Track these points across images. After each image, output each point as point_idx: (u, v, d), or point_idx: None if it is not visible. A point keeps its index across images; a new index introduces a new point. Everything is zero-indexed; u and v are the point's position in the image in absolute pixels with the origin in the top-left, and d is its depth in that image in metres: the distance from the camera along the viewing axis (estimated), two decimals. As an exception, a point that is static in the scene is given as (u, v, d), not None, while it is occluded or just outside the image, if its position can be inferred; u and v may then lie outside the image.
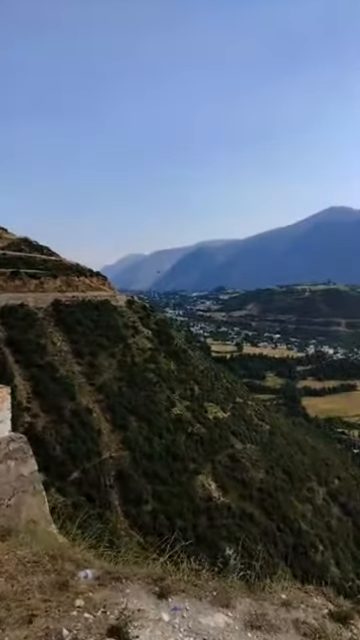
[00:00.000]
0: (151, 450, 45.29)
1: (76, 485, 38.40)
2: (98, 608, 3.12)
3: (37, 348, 49.09)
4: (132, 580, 3.55)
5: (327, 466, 64.61)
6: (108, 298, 66.17)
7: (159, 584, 3.52)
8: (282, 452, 59.07)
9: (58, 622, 2.92)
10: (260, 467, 52.69)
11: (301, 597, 3.96)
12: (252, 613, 3.43)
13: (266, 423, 64.51)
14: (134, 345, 58.89)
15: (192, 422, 52.47)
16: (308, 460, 62.18)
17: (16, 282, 58.05)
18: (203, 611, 3.36)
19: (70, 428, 42.80)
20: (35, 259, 66.73)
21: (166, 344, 63.81)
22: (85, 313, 58.88)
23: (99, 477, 40.33)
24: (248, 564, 4.14)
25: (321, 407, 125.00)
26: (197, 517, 41.10)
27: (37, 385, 45.09)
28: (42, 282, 61.06)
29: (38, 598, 3.10)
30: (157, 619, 3.15)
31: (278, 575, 4.54)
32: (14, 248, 68.30)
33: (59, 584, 3.31)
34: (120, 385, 51.30)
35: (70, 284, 64.89)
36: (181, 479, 44.18)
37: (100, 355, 53.76)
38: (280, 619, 3.43)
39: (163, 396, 53.39)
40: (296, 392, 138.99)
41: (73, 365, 51.09)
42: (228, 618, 3.32)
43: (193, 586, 3.65)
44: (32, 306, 55.04)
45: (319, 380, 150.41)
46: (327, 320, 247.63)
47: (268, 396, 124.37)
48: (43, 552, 3.84)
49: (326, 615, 3.74)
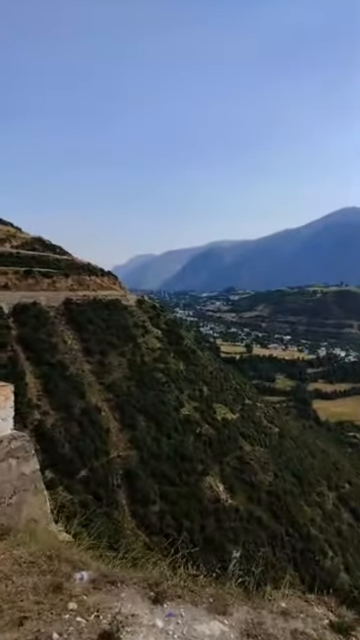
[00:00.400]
0: (159, 450, 45.26)
1: (84, 483, 38.52)
2: (91, 612, 3.07)
3: (48, 346, 49.39)
4: (128, 584, 3.49)
5: (337, 470, 63.95)
6: (118, 297, 66.39)
7: (155, 589, 3.46)
8: (292, 455, 58.62)
9: (49, 625, 2.88)
10: (269, 470, 52.35)
11: (301, 606, 3.86)
12: (249, 622, 3.35)
13: (275, 426, 64.09)
14: (144, 345, 58.97)
15: (200, 423, 52.33)
16: (318, 464, 61.63)
17: (29, 281, 58.52)
18: (199, 618, 3.29)
19: (79, 426, 42.96)
20: (48, 258, 67.24)
21: (175, 344, 63.79)
22: (96, 312, 59.14)
23: (107, 476, 40.40)
24: (247, 570, 4.05)
25: (332, 410, 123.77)
26: (204, 519, 40.96)
27: (47, 383, 45.34)
28: (54, 281, 61.47)
29: (31, 600, 3.06)
30: (151, 625, 3.08)
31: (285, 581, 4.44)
32: (28, 247, 68.87)
33: (53, 586, 3.27)
34: (129, 384, 51.38)
35: (81, 283, 65.25)
36: (189, 480, 44.06)
37: (110, 354, 53.94)
38: (278, 629, 3.34)
39: (172, 396, 53.36)
40: (306, 395, 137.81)
41: (83, 364, 51.32)
42: (224, 626, 3.25)
43: (190, 592, 3.58)
44: (44, 304, 55.44)
45: (330, 383, 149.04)
46: (339, 322, 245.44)
47: (278, 398, 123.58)
48: (40, 552, 3.80)
49: (326, 626, 3.64)
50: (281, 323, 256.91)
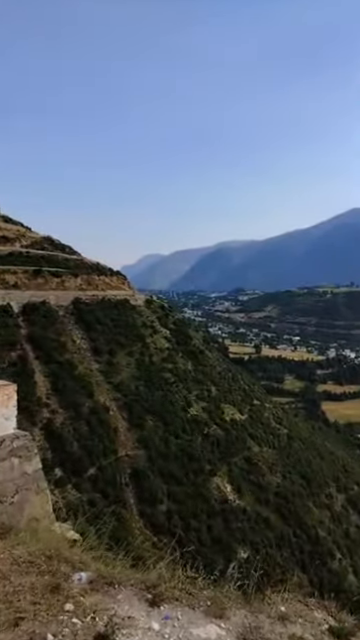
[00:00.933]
0: (167, 450, 45.26)
1: (92, 482, 38.66)
2: (87, 613, 3.06)
3: (57, 345, 49.65)
4: (125, 585, 3.48)
5: (346, 472, 63.44)
6: (127, 297, 66.54)
7: (152, 591, 3.44)
8: (300, 457, 58.26)
9: (45, 626, 2.88)
10: (277, 471, 52.12)
11: (301, 610, 3.82)
12: (246, 626, 3.31)
13: (284, 427, 63.76)
14: (152, 344, 59.04)
15: (208, 423, 52.25)
16: (327, 466, 61.18)
17: (38, 280, 58.90)
18: (195, 621, 3.27)
19: (87, 425, 43.13)
20: (57, 258, 67.60)
21: (184, 344, 63.76)
22: (104, 312, 59.35)
23: (115, 475, 40.50)
24: (247, 572, 4.02)
25: (341, 412, 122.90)
26: (212, 519, 40.88)
27: (56, 382, 45.58)
28: (63, 280, 61.80)
29: (28, 600, 3.07)
30: (147, 628, 3.07)
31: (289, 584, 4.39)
32: (37, 247, 69.27)
33: (51, 586, 3.27)
34: (137, 384, 51.47)
35: (90, 283, 65.51)
36: (196, 480, 44.01)
37: (118, 354, 54.09)
38: (275, 634, 3.31)
39: (180, 396, 53.34)
40: (315, 396, 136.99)
41: (92, 363, 51.54)
42: (220, 630, 3.22)
43: (187, 594, 3.56)
44: (53, 304, 55.78)
45: (340, 384, 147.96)
46: (349, 323, 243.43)
47: (286, 399, 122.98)
48: (40, 552, 3.81)
49: (325, 631, 3.59)
50: (290, 324, 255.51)
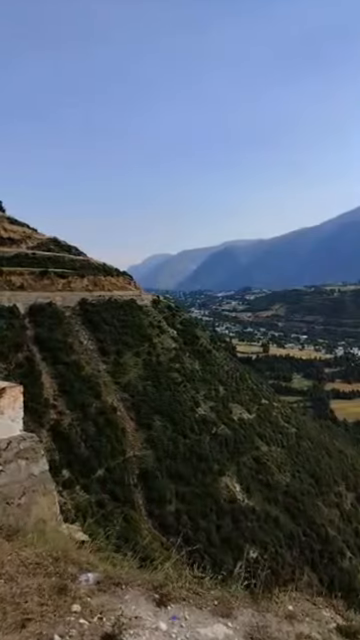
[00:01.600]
0: (175, 450, 45.29)
1: (100, 483, 38.79)
2: (95, 614, 3.08)
3: (64, 346, 49.86)
4: (132, 586, 3.49)
5: (356, 471, 63.06)
6: (134, 297, 66.64)
7: (159, 591, 3.45)
8: (309, 456, 58.03)
9: (52, 627, 2.89)
10: (286, 470, 51.96)
11: (308, 609, 3.80)
12: (253, 625, 3.31)
13: (292, 426, 63.54)
14: (159, 344, 59.07)
15: (217, 423, 52.20)
16: (336, 464, 60.86)
17: (45, 281, 59.19)
18: (203, 621, 3.27)
19: (95, 426, 43.27)
20: (63, 259, 67.87)
21: (191, 344, 63.75)
22: (111, 312, 59.48)
23: (123, 475, 40.61)
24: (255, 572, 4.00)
25: (350, 410, 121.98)
26: (221, 519, 40.85)
27: (64, 383, 45.79)
28: (70, 281, 62.04)
29: (35, 601, 3.08)
30: (154, 628, 3.07)
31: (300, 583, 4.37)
32: (43, 248, 69.59)
33: (58, 587, 3.29)
34: (145, 384, 51.54)
35: (97, 284, 65.69)
36: (205, 480, 44.00)
37: (125, 354, 54.19)
38: (282, 632, 3.30)
39: (188, 396, 53.33)
40: (324, 394, 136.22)
41: (99, 364, 51.69)
42: (228, 629, 3.22)
43: (194, 594, 3.56)
44: (60, 305, 56.02)
45: (348, 382, 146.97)
46: (356, 321, 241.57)
47: (295, 398, 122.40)
48: (47, 553, 3.82)
49: (333, 630, 3.58)
50: (298, 322, 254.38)
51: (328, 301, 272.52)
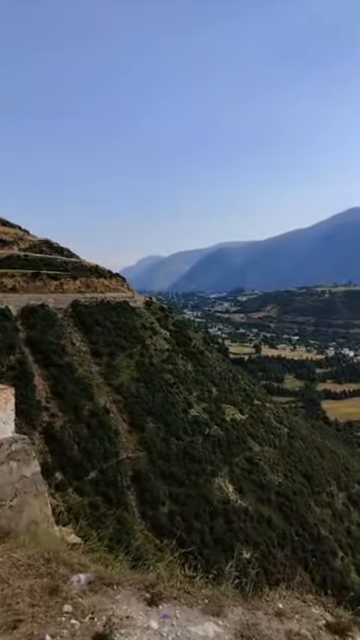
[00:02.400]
0: (168, 451, 45.26)
1: (93, 485, 38.61)
2: (86, 614, 3.10)
3: (56, 348, 49.62)
4: (124, 586, 3.52)
5: (347, 470, 63.46)
6: (126, 299, 66.55)
7: (151, 590, 3.48)
8: (301, 456, 58.29)
9: (43, 628, 2.91)
10: (278, 470, 52.13)
11: (298, 607, 3.85)
12: (243, 623, 3.35)
13: (285, 426, 63.78)
14: (152, 346, 59.03)
15: (209, 424, 52.25)
16: (327, 464, 61.20)
17: (37, 283, 58.92)
18: (193, 619, 3.30)
19: (88, 428, 43.07)
20: (56, 260, 67.66)
21: (184, 345, 63.78)
22: (104, 314, 59.33)
23: (116, 477, 40.48)
24: (245, 571, 4.05)
25: (341, 410, 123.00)
26: (214, 520, 40.87)
27: (56, 385, 45.56)
28: (62, 283, 61.82)
29: (27, 602, 3.10)
30: (145, 627, 3.10)
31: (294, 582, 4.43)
32: (35, 250, 69.34)
33: (50, 588, 3.30)
34: (138, 386, 51.45)
35: (89, 285, 65.54)
36: (198, 481, 44.00)
37: (118, 356, 54.07)
38: (272, 630, 3.35)
39: (180, 397, 53.33)
40: (315, 395, 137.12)
41: (91, 365, 51.50)
42: (218, 627, 3.26)
43: (185, 593, 3.59)
44: (52, 307, 55.75)
45: (339, 383, 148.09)
46: (347, 322, 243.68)
47: (287, 399, 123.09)
48: (38, 555, 3.84)
49: (322, 626, 3.64)
50: (289, 323, 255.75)
51: (319, 302, 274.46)
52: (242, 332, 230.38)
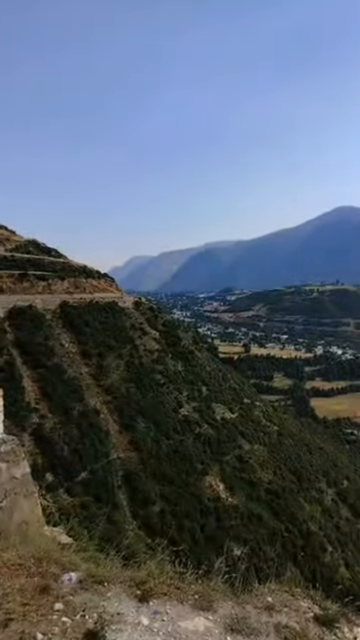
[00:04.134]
0: (159, 451, 45.29)
1: (84, 485, 38.48)
2: (77, 612, 3.13)
3: (45, 349, 49.32)
4: (114, 583, 3.55)
5: (336, 467, 64.11)
6: (115, 299, 66.38)
7: (141, 587, 3.52)
8: (290, 453, 58.72)
9: (35, 626, 2.93)
10: (268, 468, 52.45)
11: (287, 600, 3.92)
12: (233, 617, 3.41)
13: (274, 424, 64.19)
14: (141, 346, 58.98)
15: (200, 423, 52.39)
16: (316, 461, 61.75)
17: (24, 284, 58.45)
18: (184, 615, 3.35)
19: (78, 429, 42.92)
20: (43, 261, 67.15)
21: (173, 345, 63.81)
22: (93, 315, 59.10)
23: (107, 478, 40.39)
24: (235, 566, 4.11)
25: (330, 408, 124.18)
26: (205, 518, 40.99)
27: (45, 386, 45.29)
28: (50, 284, 61.42)
29: (18, 601, 3.12)
30: (136, 623, 3.14)
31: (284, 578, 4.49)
32: (22, 250, 68.70)
33: (41, 587, 3.33)
34: (128, 386, 51.38)
35: (78, 286, 65.23)
36: (189, 480, 44.10)
37: (108, 356, 53.92)
38: (261, 623, 3.41)
39: (171, 397, 53.41)
40: (304, 393, 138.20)
41: (81, 366, 51.28)
42: (208, 622, 3.31)
43: (176, 589, 3.64)
44: (40, 308, 55.37)
45: (328, 381, 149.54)
46: (335, 320, 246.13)
47: (276, 397, 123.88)
48: (29, 555, 3.85)
49: (310, 619, 3.71)
50: (278, 322, 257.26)
51: (308, 301, 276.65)
52: (231, 331, 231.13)
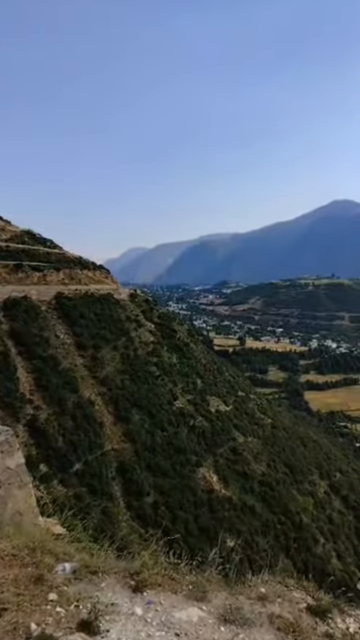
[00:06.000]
0: (153, 442, 45.46)
1: (78, 476, 38.61)
2: (71, 602, 3.13)
3: (40, 341, 49.14)
4: (109, 574, 3.56)
5: (329, 459, 64.71)
6: (111, 291, 66.17)
7: (135, 578, 3.53)
8: (284, 445, 59.18)
9: (28, 616, 2.93)
10: (262, 460, 52.85)
11: (280, 591, 3.95)
12: (227, 607, 3.43)
13: (268, 417, 64.57)
14: (137, 338, 58.94)
15: (194, 415, 52.59)
16: (310, 454, 62.28)
17: (19, 275, 58.05)
18: (177, 605, 3.37)
19: (73, 420, 42.95)
20: (38, 252, 66.68)
21: (169, 338, 63.84)
22: (88, 306, 58.91)
23: (101, 469, 40.53)
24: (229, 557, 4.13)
25: (324, 401, 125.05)
26: (198, 509, 41.30)
27: (40, 377, 45.20)
28: (45, 275, 61.04)
29: (11, 592, 3.11)
30: (130, 613, 3.15)
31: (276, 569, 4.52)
32: (17, 240, 68.11)
33: (35, 577, 3.32)
34: (123, 378, 51.41)
35: (73, 277, 64.88)
36: (183, 471, 44.35)
37: (103, 348, 53.85)
38: (255, 613, 3.43)
39: (165, 389, 53.50)
40: (298, 386, 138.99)
41: (76, 358, 51.18)
42: (202, 612, 3.33)
43: (170, 580, 3.66)
44: (35, 299, 55.07)
45: (322, 374, 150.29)
46: (330, 314, 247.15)
47: (270, 390, 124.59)
48: (23, 545, 3.84)
49: (303, 609, 3.74)
50: (273, 316, 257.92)
51: (303, 295, 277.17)
52: (227, 324, 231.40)
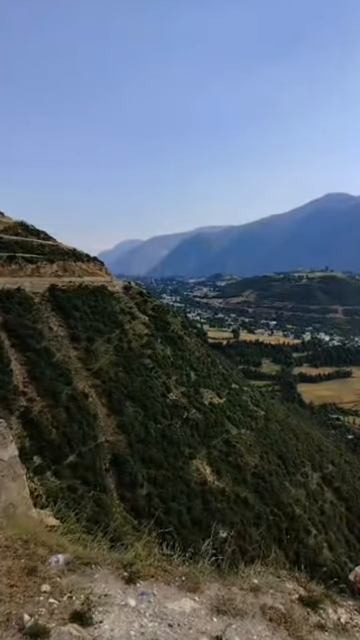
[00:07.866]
0: (147, 435, 45.60)
1: (72, 468, 38.68)
2: (64, 593, 3.14)
3: (33, 333, 48.96)
4: (102, 565, 3.57)
5: (321, 451, 65.29)
6: (105, 284, 65.96)
7: (128, 569, 3.54)
8: (277, 437, 59.59)
9: (21, 607, 2.94)
10: (255, 452, 53.22)
11: (272, 582, 3.99)
12: (219, 598, 3.46)
13: (261, 409, 64.93)
14: (131, 331, 58.89)
15: (188, 407, 52.77)
16: (302, 445, 62.78)
17: (12, 266, 57.69)
18: (170, 596, 3.39)
19: (66, 412, 42.95)
20: (32, 243, 66.26)
21: (163, 330, 63.83)
22: (82, 298, 58.70)
23: (95, 461, 40.63)
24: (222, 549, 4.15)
25: (316, 393, 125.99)
26: (191, 501, 41.58)
27: (33, 370, 45.09)
28: (39, 267, 60.73)
29: (4, 583, 3.11)
30: (123, 604, 3.17)
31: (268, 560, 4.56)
32: (10, 232, 67.64)
33: (28, 569, 3.33)
34: (116, 370, 51.41)
35: (67, 269, 64.61)
36: (176, 463, 44.57)
37: (96, 340, 53.77)
38: (247, 604, 3.46)
39: (159, 382, 53.58)
40: (292, 378, 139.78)
41: (69, 350, 51.09)
42: (195, 603, 3.35)
43: (163, 571, 3.68)
44: (29, 291, 54.80)
45: (315, 367, 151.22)
46: (324, 307, 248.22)
47: (264, 382, 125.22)
48: (16, 537, 3.84)
49: (295, 600, 3.78)
50: (267, 308, 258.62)
51: (297, 288, 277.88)
52: (220, 317, 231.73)
